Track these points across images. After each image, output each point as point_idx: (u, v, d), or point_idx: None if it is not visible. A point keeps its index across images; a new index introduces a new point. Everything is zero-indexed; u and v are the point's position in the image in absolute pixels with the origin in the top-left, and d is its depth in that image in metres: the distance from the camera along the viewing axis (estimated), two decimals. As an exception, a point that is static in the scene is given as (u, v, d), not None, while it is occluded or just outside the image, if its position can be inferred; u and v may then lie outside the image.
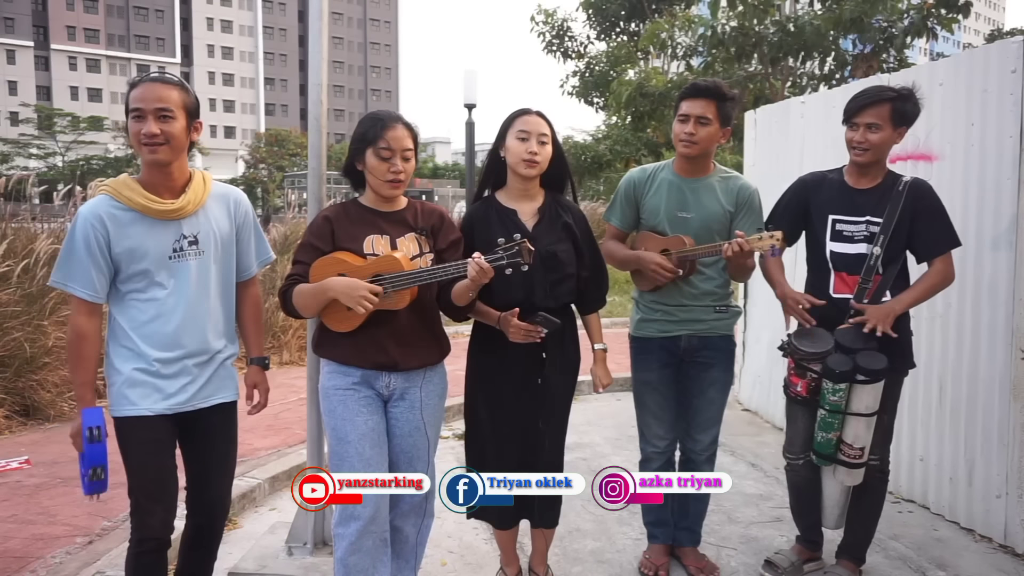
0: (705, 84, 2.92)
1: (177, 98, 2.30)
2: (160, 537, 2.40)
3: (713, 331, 3.04)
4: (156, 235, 2.34)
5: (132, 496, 2.39)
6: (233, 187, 2.60)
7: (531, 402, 2.74)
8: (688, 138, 2.90)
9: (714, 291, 3.03)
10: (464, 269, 2.32)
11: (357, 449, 2.47)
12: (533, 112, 2.74)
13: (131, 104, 2.28)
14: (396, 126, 2.49)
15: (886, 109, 2.82)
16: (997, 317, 3.49)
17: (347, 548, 2.45)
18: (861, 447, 2.87)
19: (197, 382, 2.42)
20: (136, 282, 2.35)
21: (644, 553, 3.32)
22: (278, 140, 52.90)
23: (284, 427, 5.27)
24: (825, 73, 10.33)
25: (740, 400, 6.09)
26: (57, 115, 49.29)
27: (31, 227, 6.37)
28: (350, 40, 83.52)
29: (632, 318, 3.19)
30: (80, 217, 2.30)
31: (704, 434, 3.13)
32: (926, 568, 3.32)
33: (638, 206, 3.08)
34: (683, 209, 2.98)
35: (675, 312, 3.02)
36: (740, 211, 2.99)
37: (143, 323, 2.35)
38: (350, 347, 2.50)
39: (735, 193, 3.00)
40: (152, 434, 2.36)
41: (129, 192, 2.31)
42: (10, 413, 5.30)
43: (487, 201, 2.81)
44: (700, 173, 3.01)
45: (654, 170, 3.10)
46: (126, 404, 2.34)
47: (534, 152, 2.67)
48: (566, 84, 15.74)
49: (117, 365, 2.36)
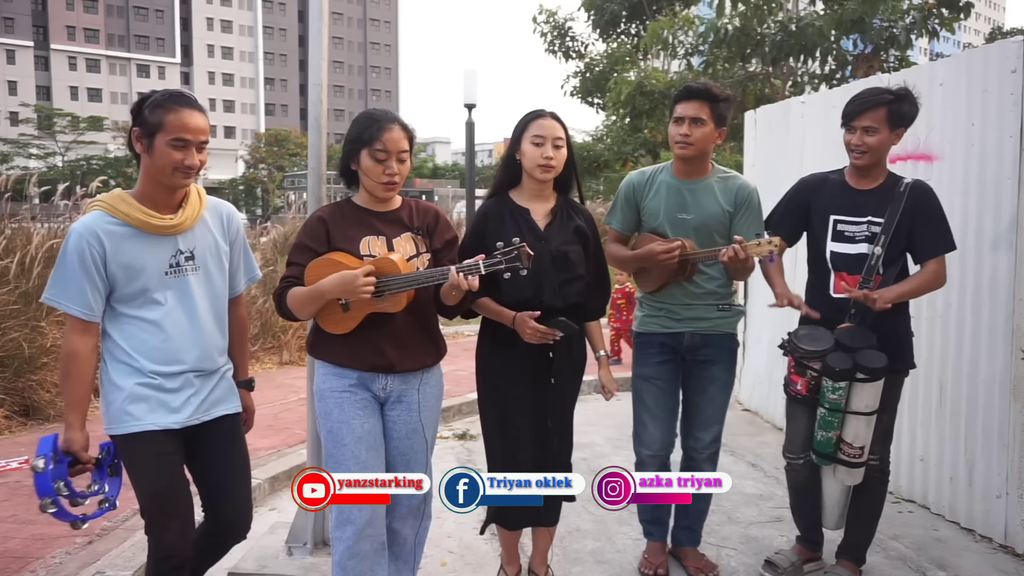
0: (698, 86, 2.94)
1: (208, 127, 2.30)
2: (179, 554, 2.29)
3: (716, 329, 3.05)
4: (153, 251, 2.29)
5: (145, 515, 2.30)
6: (224, 202, 2.54)
7: (542, 402, 2.76)
8: (683, 139, 2.92)
9: (716, 290, 3.04)
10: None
11: (353, 452, 2.46)
12: (547, 115, 2.74)
13: (172, 130, 2.21)
14: (393, 127, 2.46)
15: (882, 112, 2.84)
16: (997, 317, 3.49)
17: (344, 552, 2.44)
18: (861, 446, 2.87)
19: (200, 395, 2.36)
20: (133, 299, 2.28)
21: (643, 553, 3.33)
22: (278, 140, 52.93)
23: (284, 427, 5.27)
24: (826, 73, 10.34)
25: (740, 400, 6.09)
26: (57, 115, 49.33)
27: (30, 227, 6.37)
28: (350, 40, 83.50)
29: (636, 316, 3.21)
30: (74, 233, 2.22)
31: (705, 432, 3.13)
32: (926, 568, 3.32)
33: (639, 208, 3.10)
34: (682, 210, 2.99)
35: (679, 311, 3.04)
36: (739, 211, 3.00)
37: (141, 340, 2.28)
38: (346, 349, 2.48)
39: (734, 193, 3.00)
40: (159, 448, 2.28)
41: (127, 208, 2.25)
42: (10, 413, 5.30)
43: (501, 199, 2.82)
44: (698, 174, 3.02)
45: (653, 172, 3.11)
46: (130, 420, 2.26)
47: (549, 157, 2.68)
48: (567, 84, 15.74)
49: (117, 381, 2.28)
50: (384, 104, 77.87)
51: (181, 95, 2.27)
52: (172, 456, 2.32)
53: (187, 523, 2.33)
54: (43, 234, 6.13)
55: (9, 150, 46.32)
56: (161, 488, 2.28)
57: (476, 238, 2.73)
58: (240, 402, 2.54)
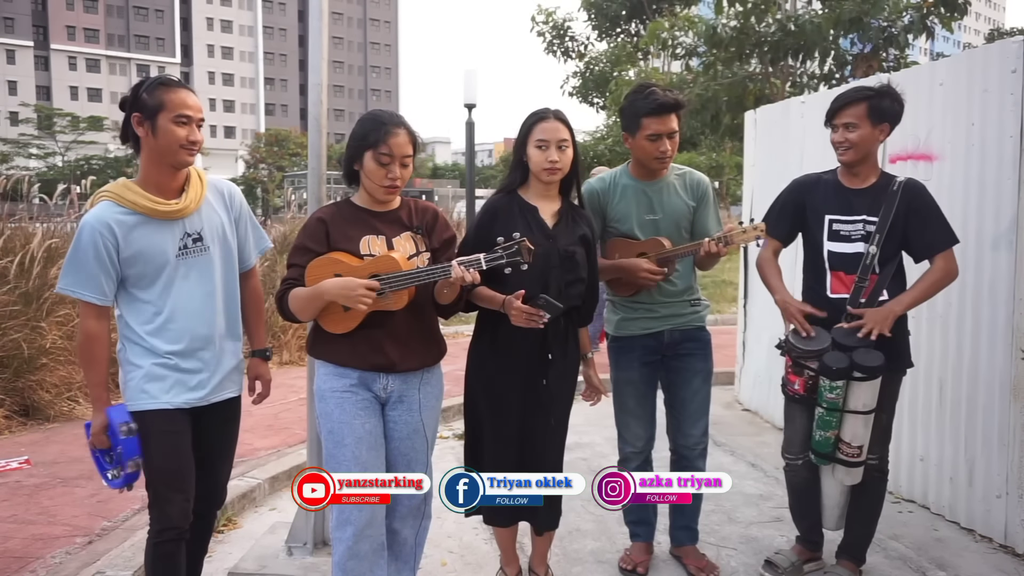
0: (670, 100, 2.93)
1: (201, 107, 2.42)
2: (179, 526, 2.41)
3: (691, 323, 3.14)
4: (162, 236, 2.38)
5: (151, 488, 2.42)
6: (224, 180, 2.62)
7: (534, 403, 2.75)
8: (662, 155, 2.96)
9: (688, 287, 3.13)
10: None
11: (353, 452, 2.46)
12: (551, 116, 2.73)
13: (174, 108, 2.31)
14: (399, 132, 2.46)
15: (862, 107, 2.87)
16: (997, 317, 3.49)
17: (344, 552, 2.45)
18: (859, 445, 2.87)
19: (215, 377, 2.49)
20: (144, 282, 2.38)
21: (626, 550, 3.34)
22: (278, 140, 52.87)
23: (284, 427, 5.27)
24: (825, 73, 10.34)
25: (740, 400, 6.09)
26: (57, 115, 49.34)
27: (29, 226, 6.37)
28: (350, 40, 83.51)
29: (610, 319, 3.22)
30: (87, 225, 2.31)
31: (694, 427, 3.16)
32: (926, 568, 3.32)
33: (604, 215, 3.11)
34: (650, 211, 3.05)
35: (656, 308, 3.09)
36: (700, 204, 3.10)
37: (154, 322, 2.39)
38: (347, 348, 2.48)
39: (694, 188, 3.11)
40: (172, 426, 2.40)
41: (133, 196, 2.34)
42: (10, 413, 5.30)
43: (510, 195, 2.82)
44: (657, 175, 3.08)
45: (612, 177, 3.14)
46: (146, 398, 2.38)
47: (554, 160, 2.69)
48: (566, 84, 15.75)
49: (135, 360, 2.40)
50: (384, 104, 77.93)
51: (173, 78, 2.39)
52: (182, 434, 2.43)
53: (189, 498, 2.44)
54: (42, 233, 6.12)
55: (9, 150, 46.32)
56: (170, 463, 2.40)
57: (483, 231, 2.71)
58: (242, 384, 2.63)
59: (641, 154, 3.00)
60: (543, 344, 2.70)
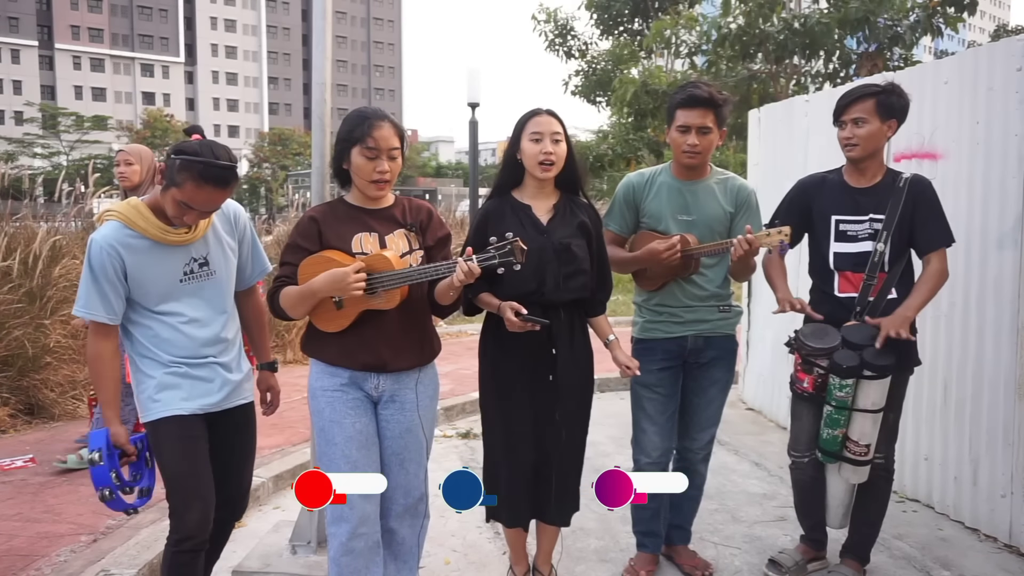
0: (702, 94, 2.89)
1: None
2: (198, 536, 2.39)
3: (717, 331, 3.05)
4: (169, 261, 2.41)
5: (170, 498, 2.41)
6: (231, 200, 2.58)
7: (545, 400, 2.74)
8: (691, 149, 2.91)
9: (716, 292, 3.04)
10: (455, 268, 2.31)
11: (343, 451, 2.46)
12: (544, 112, 2.74)
13: (186, 197, 2.28)
14: (383, 125, 2.45)
15: (871, 103, 2.86)
16: (1002, 316, 3.48)
17: (339, 548, 2.45)
18: (867, 444, 2.87)
19: (227, 384, 2.49)
20: (150, 303, 2.41)
21: (630, 560, 3.29)
22: (282, 139, 52.88)
23: (288, 426, 5.27)
24: (830, 71, 10.32)
25: (744, 399, 6.08)
26: (61, 114, 49.35)
27: (32, 225, 6.37)
28: (354, 39, 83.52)
29: (635, 321, 3.18)
30: (95, 246, 2.33)
31: (703, 433, 3.14)
32: (931, 568, 3.32)
33: (638, 210, 3.08)
34: (684, 212, 3.00)
35: (680, 313, 3.03)
36: (740, 211, 3.02)
37: (160, 339, 2.42)
38: (339, 348, 2.48)
39: (734, 194, 3.03)
40: (187, 432, 2.40)
41: (143, 222, 2.35)
42: (15, 412, 5.31)
43: (502, 197, 2.82)
44: (698, 176, 3.03)
45: (652, 174, 3.11)
46: (159, 407, 2.39)
47: (549, 152, 2.68)
48: (569, 83, 15.71)
49: (147, 371, 2.42)
50: (387, 103, 78.12)
51: (211, 169, 2.28)
52: (198, 440, 2.43)
53: (208, 506, 2.42)
54: (45, 231, 6.12)
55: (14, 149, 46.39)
56: (186, 470, 2.39)
57: (478, 236, 2.71)
58: (253, 389, 2.65)
59: (673, 147, 2.99)
60: (548, 340, 2.69)
